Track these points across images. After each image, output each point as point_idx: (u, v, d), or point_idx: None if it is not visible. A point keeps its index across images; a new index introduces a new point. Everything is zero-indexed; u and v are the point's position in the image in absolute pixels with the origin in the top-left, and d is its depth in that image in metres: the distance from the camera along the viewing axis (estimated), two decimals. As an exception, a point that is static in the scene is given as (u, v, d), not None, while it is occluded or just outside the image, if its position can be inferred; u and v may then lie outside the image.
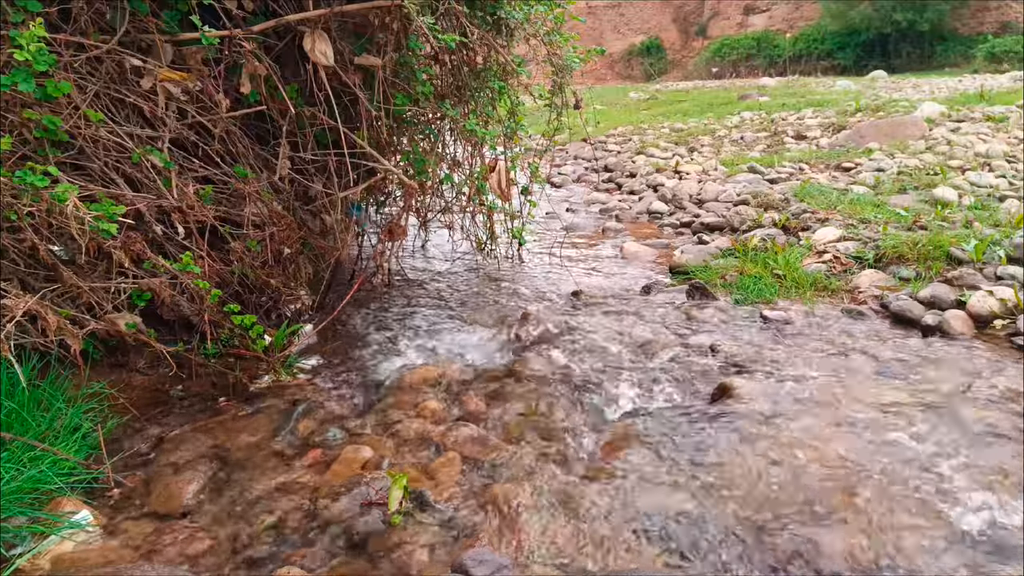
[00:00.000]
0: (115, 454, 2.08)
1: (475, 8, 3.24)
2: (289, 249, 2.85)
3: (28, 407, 2.02)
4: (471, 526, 1.77)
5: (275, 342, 2.65)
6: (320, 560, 1.69)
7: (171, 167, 2.38)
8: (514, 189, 4.31)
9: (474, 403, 2.44)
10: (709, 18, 34.70)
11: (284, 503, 1.90)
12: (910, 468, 1.92)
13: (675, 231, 5.28)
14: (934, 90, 13.97)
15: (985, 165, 5.90)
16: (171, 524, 1.83)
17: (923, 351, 2.70)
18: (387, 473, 1.94)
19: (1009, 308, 2.89)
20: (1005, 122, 7.96)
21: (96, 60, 2.29)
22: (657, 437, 2.16)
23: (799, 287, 3.49)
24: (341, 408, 2.46)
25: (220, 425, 2.32)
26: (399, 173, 3.13)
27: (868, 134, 7.79)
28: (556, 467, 2.02)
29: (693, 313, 3.24)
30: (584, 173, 8.36)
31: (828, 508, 1.77)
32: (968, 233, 3.64)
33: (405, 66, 3.09)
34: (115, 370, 2.59)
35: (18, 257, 2.14)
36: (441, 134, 3.75)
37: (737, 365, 2.65)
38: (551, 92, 3.80)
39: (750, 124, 10.50)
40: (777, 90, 16.98)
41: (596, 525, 1.75)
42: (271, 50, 2.75)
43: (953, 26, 26.74)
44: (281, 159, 2.77)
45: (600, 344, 2.90)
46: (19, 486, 1.75)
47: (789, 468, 1.94)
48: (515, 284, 3.94)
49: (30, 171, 1.92)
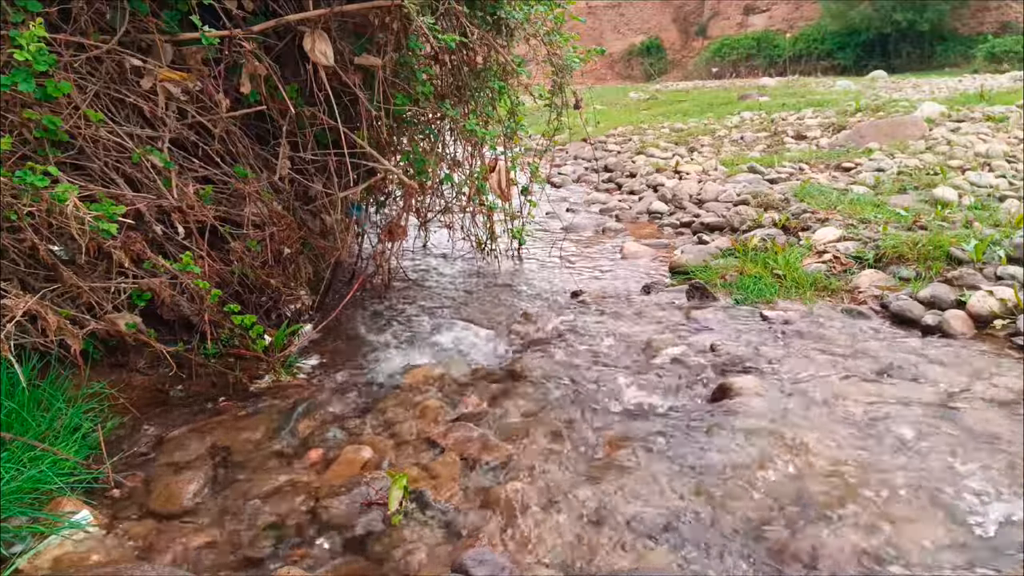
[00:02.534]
0: (115, 454, 2.08)
1: (475, 8, 3.24)
2: (289, 249, 2.85)
3: (28, 407, 2.02)
4: (471, 526, 1.77)
5: (275, 342, 2.65)
6: (320, 560, 1.69)
7: (171, 167, 2.38)
8: (514, 189, 4.31)
9: (474, 403, 2.44)
10: (709, 18, 34.70)
11: (284, 503, 1.90)
12: (910, 468, 1.91)
13: (675, 231, 5.27)
14: (934, 90, 13.96)
15: (985, 165, 5.90)
16: (171, 524, 1.83)
17: (923, 351, 2.70)
18: (387, 473, 1.94)
19: (1009, 308, 2.89)
20: (1005, 122, 7.96)
21: (96, 60, 2.29)
22: (657, 437, 2.16)
23: (799, 287, 3.49)
24: (341, 408, 2.46)
25: (220, 425, 2.32)
26: (399, 173, 3.13)
27: (868, 134, 7.79)
28: (556, 467, 2.02)
29: (693, 313, 3.24)
30: (584, 173, 8.36)
31: (828, 507, 1.77)
32: (968, 233, 3.64)
33: (405, 66, 3.09)
34: (115, 370, 2.59)
35: (18, 257, 2.14)
36: (441, 134, 3.75)
37: (737, 365, 2.65)
38: (551, 92, 3.80)
39: (750, 124, 10.49)
40: (777, 90, 16.98)
41: (596, 525, 1.75)
42: (271, 50, 2.75)
43: (953, 26, 26.73)
44: (281, 159, 2.77)
45: (600, 344, 2.90)
46: (19, 486, 1.75)
47: (789, 467, 1.94)
48: (515, 284, 3.94)
49: (30, 171, 1.92)
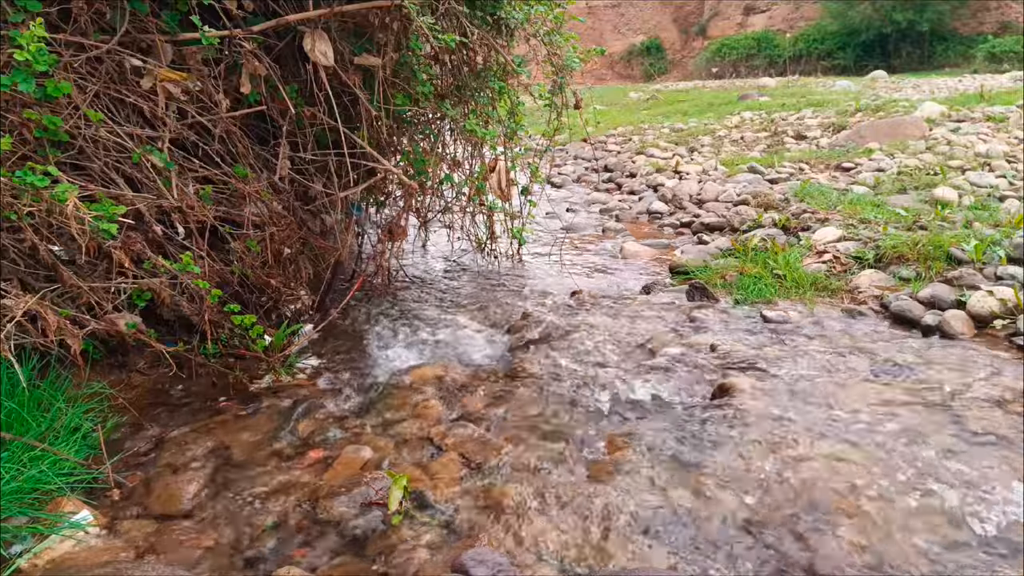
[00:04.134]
0: (115, 454, 2.08)
1: (475, 8, 3.24)
2: (289, 249, 2.85)
3: (28, 407, 2.02)
4: (471, 526, 1.77)
5: (275, 342, 2.65)
6: (320, 560, 1.69)
7: (171, 167, 2.38)
8: (514, 189, 4.31)
9: (474, 403, 2.44)
10: (709, 18, 34.69)
11: (284, 503, 1.90)
12: (910, 468, 1.91)
13: (675, 231, 5.28)
14: (934, 90, 13.96)
15: (985, 165, 5.90)
16: (171, 524, 1.83)
17: (923, 351, 2.70)
18: (387, 473, 1.94)
19: (1009, 308, 2.89)
20: (1005, 122, 7.96)
21: (96, 60, 2.28)
22: (657, 437, 2.15)
23: (799, 287, 3.49)
24: (341, 408, 2.46)
25: (220, 425, 2.32)
26: (399, 173, 3.12)
27: (868, 134, 7.79)
28: (556, 466, 2.02)
29: (693, 313, 3.24)
30: (584, 173, 8.36)
31: (828, 506, 1.76)
32: (968, 233, 3.64)
33: (405, 66, 3.08)
34: (115, 370, 2.59)
35: (18, 257, 2.14)
36: (441, 134, 3.75)
37: (737, 365, 2.65)
38: (551, 92, 3.80)
39: (750, 124, 10.49)
40: (777, 90, 16.98)
41: (596, 524, 1.75)
42: (271, 50, 2.75)
43: (953, 26, 26.73)
44: (281, 159, 2.77)
45: (600, 344, 2.90)
46: (19, 486, 1.75)
47: (789, 467, 1.93)
48: (515, 284, 3.94)
49: (30, 171, 1.92)
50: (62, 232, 2.09)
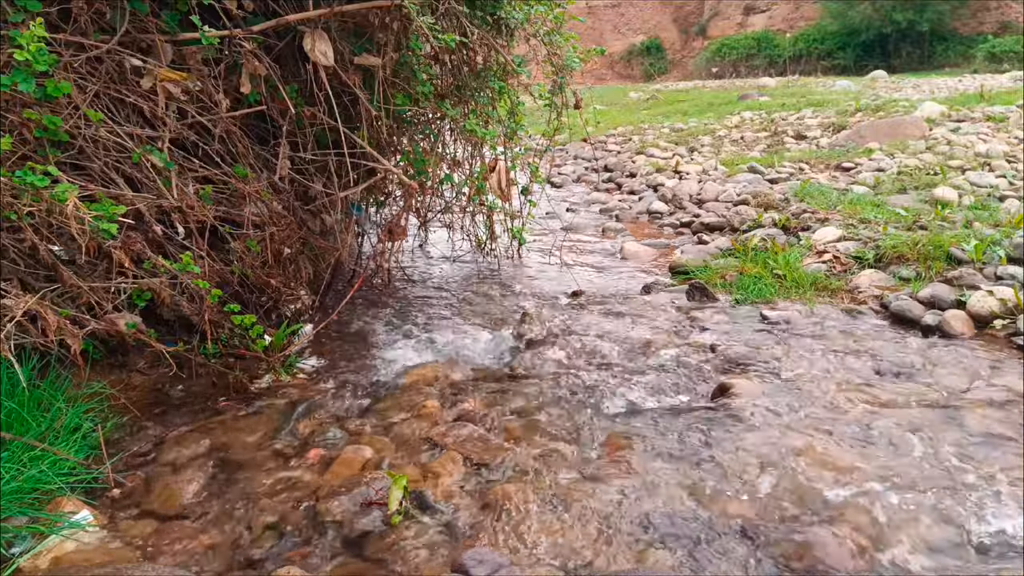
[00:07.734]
0: (115, 454, 2.08)
1: (475, 8, 3.24)
2: (289, 249, 2.85)
3: (28, 407, 2.02)
4: (471, 526, 1.77)
5: (275, 342, 2.65)
6: (320, 560, 1.69)
7: (171, 167, 2.37)
8: (514, 189, 4.31)
9: (474, 403, 2.44)
10: (709, 18, 34.69)
11: (284, 503, 1.90)
12: (909, 467, 1.91)
13: (675, 231, 5.28)
14: (934, 90, 13.96)
15: (985, 165, 5.90)
16: (171, 524, 1.83)
17: (923, 351, 2.70)
18: (387, 473, 1.94)
19: (1009, 308, 2.89)
20: (1005, 122, 7.96)
21: (96, 60, 2.28)
22: (657, 436, 2.16)
23: (799, 287, 3.49)
24: (341, 408, 2.46)
25: (220, 425, 2.32)
26: (399, 173, 3.12)
27: (868, 134, 7.79)
28: (556, 466, 2.02)
29: (693, 313, 3.24)
30: (584, 173, 8.36)
31: (828, 506, 1.76)
32: (968, 233, 3.64)
33: (405, 66, 3.08)
34: (115, 370, 2.59)
35: (18, 257, 2.14)
36: (441, 134, 3.75)
37: (737, 364, 2.65)
38: (551, 92, 3.80)
39: (750, 124, 10.49)
40: (777, 90, 16.98)
41: (596, 524, 1.75)
42: (271, 50, 2.75)
43: (953, 26, 26.73)
44: (281, 159, 2.77)
45: (600, 344, 2.90)
46: (19, 486, 1.75)
47: (789, 467, 1.93)
48: (515, 284, 3.94)
49: (30, 171, 1.92)
50: (62, 232, 2.08)
